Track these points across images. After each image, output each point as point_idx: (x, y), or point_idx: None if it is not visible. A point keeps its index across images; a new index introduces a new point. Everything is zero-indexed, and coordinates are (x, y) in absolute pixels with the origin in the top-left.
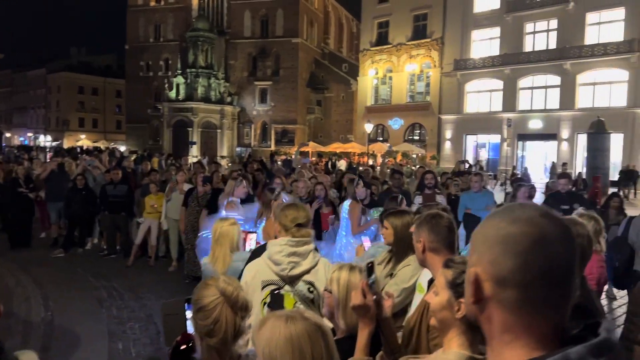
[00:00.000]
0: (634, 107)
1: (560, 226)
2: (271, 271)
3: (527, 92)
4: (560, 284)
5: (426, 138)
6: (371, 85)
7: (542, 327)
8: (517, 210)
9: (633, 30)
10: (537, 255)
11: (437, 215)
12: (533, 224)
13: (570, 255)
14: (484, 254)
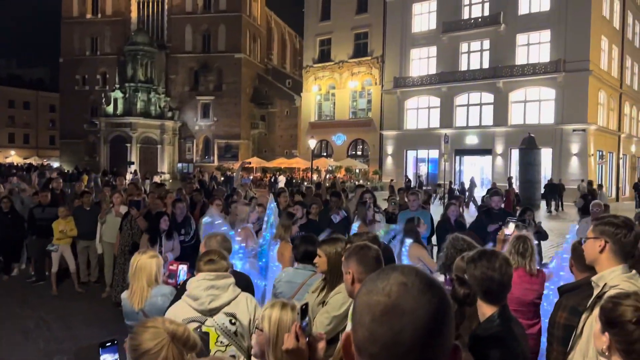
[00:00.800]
0: (562, 124)
1: (423, 294)
2: (191, 308)
3: (463, 109)
4: (409, 354)
5: (369, 153)
6: (315, 101)
7: None
8: (381, 277)
9: (558, 52)
10: (383, 327)
11: (366, 247)
12: (385, 294)
13: (426, 328)
14: (352, 321)
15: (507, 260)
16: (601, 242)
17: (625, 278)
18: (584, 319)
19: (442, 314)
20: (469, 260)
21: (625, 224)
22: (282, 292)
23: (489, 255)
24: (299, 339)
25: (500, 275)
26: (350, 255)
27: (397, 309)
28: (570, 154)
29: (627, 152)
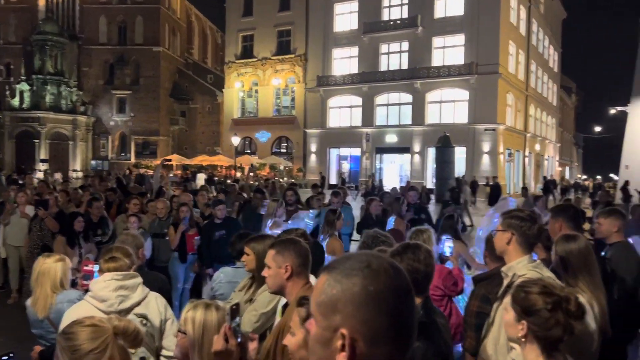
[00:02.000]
0: (474, 124)
1: (403, 275)
2: (96, 310)
3: (383, 108)
4: (413, 332)
5: (293, 151)
6: (237, 98)
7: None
8: (372, 262)
9: (471, 55)
10: (402, 304)
11: (298, 241)
12: (392, 277)
13: (414, 303)
14: (353, 315)
15: (430, 252)
16: (508, 235)
17: (531, 267)
18: (495, 308)
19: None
20: (394, 253)
21: (530, 217)
22: (222, 293)
23: (414, 247)
24: (229, 340)
25: (425, 267)
26: (287, 248)
27: (401, 288)
28: (482, 152)
29: (532, 151)
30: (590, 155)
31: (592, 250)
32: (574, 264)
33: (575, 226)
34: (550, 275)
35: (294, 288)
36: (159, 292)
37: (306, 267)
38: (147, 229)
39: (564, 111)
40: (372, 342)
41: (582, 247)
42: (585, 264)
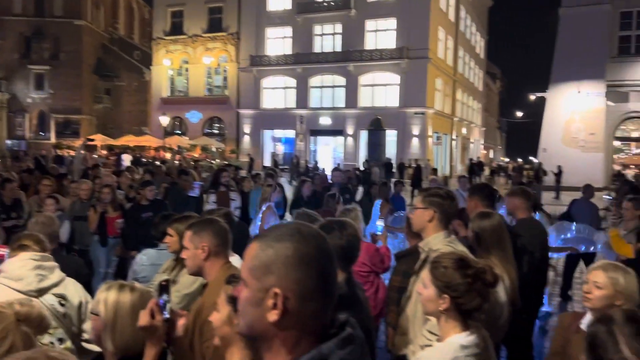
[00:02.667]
0: (405, 108)
1: (325, 237)
2: (11, 290)
3: (317, 90)
4: (336, 289)
5: (225, 132)
6: (166, 76)
7: (319, 329)
8: (303, 229)
9: (403, 39)
10: (329, 266)
11: (217, 220)
12: (319, 242)
13: (336, 263)
14: (287, 275)
15: (355, 229)
16: (430, 212)
17: (446, 242)
18: (412, 282)
19: None
20: (321, 229)
21: (449, 195)
22: (145, 276)
23: (339, 224)
24: (155, 315)
25: (348, 243)
26: (204, 228)
27: (328, 246)
28: (412, 135)
29: (459, 134)
30: (513, 139)
31: (504, 227)
32: (486, 240)
33: (489, 204)
34: (464, 249)
35: (212, 268)
36: (75, 277)
37: (225, 247)
38: (68, 211)
39: (489, 96)
40: (303, 299)
41: (495, 224)
42: (497, 240)
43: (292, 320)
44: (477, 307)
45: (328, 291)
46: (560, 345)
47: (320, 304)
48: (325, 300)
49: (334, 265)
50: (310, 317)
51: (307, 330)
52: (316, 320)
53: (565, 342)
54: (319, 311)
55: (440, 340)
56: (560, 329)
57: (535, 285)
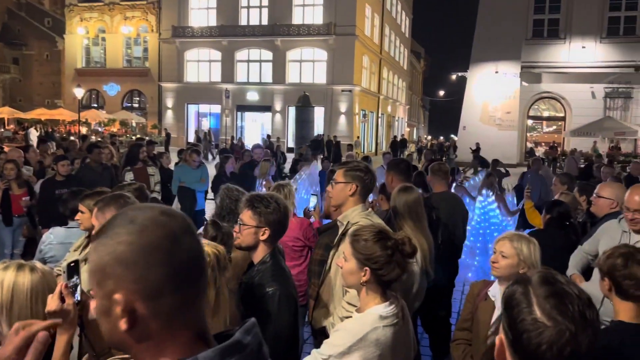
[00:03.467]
0: (332, 85)
1: (180, 218)
2: None
3: (244, 64)
4: (202, 274)
5: (147, 106)
6: (81, 46)
7: (190, 328)
8: (137, 216)
9: (330, 15)
10: (179, 252)
11: (124, 195)
12: (161, 225)
13: (198, 242)
14: (124, 276)
15: (283, 204)
16: (352, 186)
17: (364, 215)
18: (332, 255)
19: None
20: (246, 205)
21: (368, 169)
22: (53, 255)
23: (275, 198)
24: (65, 299)
25: (276, 218)
26: (109, 204)
27: (178, 232)
28: (340, 112)
29: (385, 112)
30: (435, 117)
31: (421, 202)
32: (402, 213)
33: (406, 179)
34: (380, 222)
35: None
36: None
37: None
38: None
39: (413, 75)
40: (152, 298)
41: (411, 199)
42: (413, 213)
43: (148, 326)
44: (396, 278)
45: (185, 278)
46: (469, 312)
47: (179, 300)
48: (185, 294)
49: (188, 246)
50: (170, 317)
51: (173, 334)
52: (179, 319)
53: (474, 309)
54: (179, 308)
55: (359, 311)
56: (470, 296)
57: (450, 255)
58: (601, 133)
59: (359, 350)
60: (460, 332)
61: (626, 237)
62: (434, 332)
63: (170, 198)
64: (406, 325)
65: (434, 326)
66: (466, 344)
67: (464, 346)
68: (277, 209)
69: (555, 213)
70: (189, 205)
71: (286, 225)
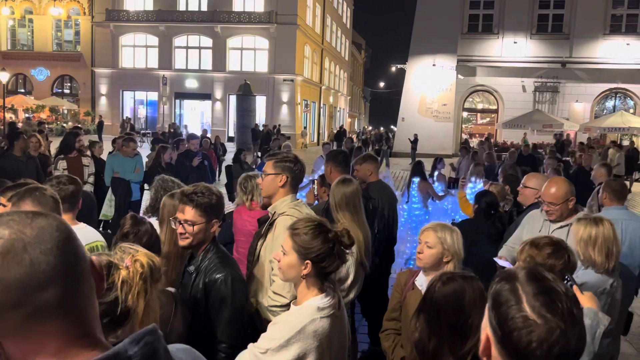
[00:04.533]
0: (274, 73)
1: (38, 221)
2: None
3: (182, 51)
4: (55, 285)
5: (79, 92)
6: (6, 27)
7: (57, 340)
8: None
9: (272, 3)
10: (11, 268)
11: (39, 187)
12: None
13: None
14: None
15: (220, 192)
16: (282, 177)
17: (292, 205)
18: (259, 245)
19: (62, 227)
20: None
21: (297, 160)
22: None
23: (208, 188)
24: None
25: (222, 207)
26: (24, 198)
27: (15, 243)
28: (281, 102)
29: (327, 102)
30: (376, 108)
31: (359, 194)
32: (340, 204)
33: (344, 170)
34: (309, 212)
35: None
36: None
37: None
38: None
39: (354, 66)
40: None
41: (349, 191)
42: (351, 205)
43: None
44: (335, 269)
45: (27, 297)
46: (397, 302)
47: (23, 316)
48: (30, 309)
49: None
50: (22, 334)
51: (35, 351)
52: (34, 336)
53: (402, 299)
54: (26, 325)
55: (297, 303)
56: (397, 286)
57: (387, 243)
58: (530, 125)
59: (298, 343)
60: (388, 322)
61: (547, 226)
62: (372, 319)
63: (103, 189)
64: (342, 316)
65: (373, 313)
66: (395, 333)
67: (393, 336)
68: (216, 199)
69: (483, 203)
70: (123, 196)
71: (223, 214)
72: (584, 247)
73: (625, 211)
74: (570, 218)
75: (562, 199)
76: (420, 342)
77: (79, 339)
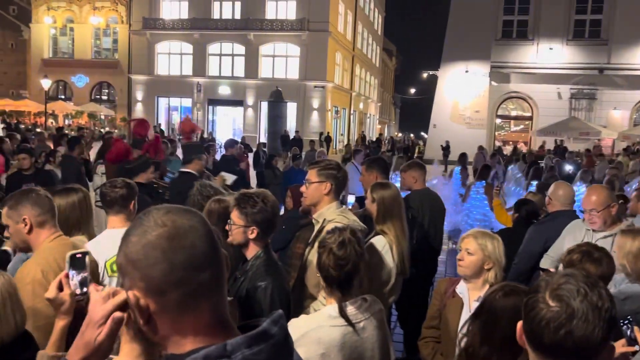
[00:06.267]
0: (305, 80)
1: (188, 215)
2: None
3: (216, 58)
4: (209, 268)
5: (116, 98)
6: (48, 35)
7: (205, 318)
8: (144, 218)
9: (303, 11)
10: (177, 251)
11: (33, 190)
12: (161, 224)
13: (208, 237)
14: (134, 274)
15: (276, 201)
16: (327, 185)
17: (339, 212)
18: (307, 252)
19: (208, 226)
20: (237, 200)
21: (339, 167)
22: None
23: (263, 196)
24: (63, 288)
25: (272, 215)
26: (19, 202)
27: (179, 231)
28: (312, 109)
29: (357, 109)
30: (406, 115)
31: (401, 198)
32: (385, 209)
33: (387, 177)
34: (355, 218)
35: (38, 240)
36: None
37: (49, 216)
38: None
39: (385, 73)
40: (158, 294)
41: (394, 194)
42: (396, 209)
43: (162, 319)
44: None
45: (187, 278)
46: (437, 309)
47: (184, 294)
48: (189, 288)
49: (190, 245)
50: (181, 310)
51: (188, 325)
52: (190, 311)
53: (442, 306)
54: (187, 302)
55: None
56: (437, 294)
57: (428, 253)
58: (566, 133)
59: (301, 347)
60: (428, 330)
61: (590, 235)
62: (408, 329)
63: None
64: (366, 331)
65: (409, 323)
66: (434, 341)
67: (432, 344)
68: (263, 208)
69: (524, 212)
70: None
71: (275, 222)
72: (634, 260)
73: None
74: (614, 227)
75: (603, 205)
76: (471, 348)
77: (220, 319)
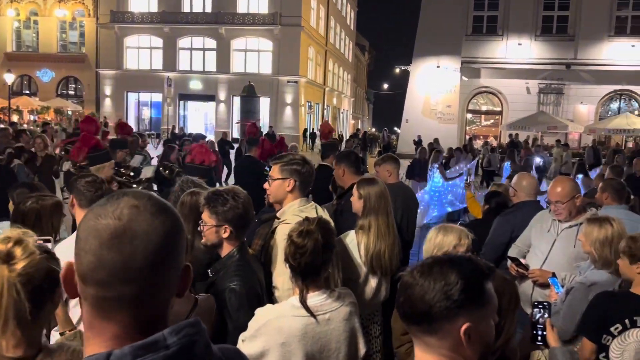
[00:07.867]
0: (278, 75)
1: (154, 217)
2: None
3: (186, 52)
4: (136, 283)
5: (83, 93)
6: (11, 28)
7: (117, 325)
8: (111, 201)
9: (275, 5)
10: (112, 251)
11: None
12: (115, 217)
13: (156, 249)
14: (77, 246)
15: (247, 196)
16: (290, 181)
17: (298, 212)
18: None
19: (174, 236)
20: (207, 199)
21: (305, 161)
22: None
23: (233, 193)
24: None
25: (244, 212)
26: None
27: (128, 232)
28: (285, 104)
29: (330, 104)
30: (379, 110)
31: (388, 193)
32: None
33: (358, 170)
34: (322, 213)
35: None
36: None
37: None
38: None
39: (358, 68)
40: (82, 280)
41: (381, 189)
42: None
43: (82, 307)
44: (311, 264)
45: (109, 282)
46: None
47: (102, 291)
48: (104, 291)
49: (116, 246)
50: (96, 305)
51: (99, 324)
52: (104, 311)
53: None
54: (102, 300)
55: None
56: None
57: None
58: (535, 127)
59: (262, 336)
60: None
61: (555, 225)
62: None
63: None
64: (332, 322)
65: None
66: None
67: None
68: (234, 205)
69: (493, 203)
70: None
71: (249, 218)
72: (601, 248)
73: (624, 211)
74: (578, 217)
75: (568, 197)
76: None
77: (140, 330)
